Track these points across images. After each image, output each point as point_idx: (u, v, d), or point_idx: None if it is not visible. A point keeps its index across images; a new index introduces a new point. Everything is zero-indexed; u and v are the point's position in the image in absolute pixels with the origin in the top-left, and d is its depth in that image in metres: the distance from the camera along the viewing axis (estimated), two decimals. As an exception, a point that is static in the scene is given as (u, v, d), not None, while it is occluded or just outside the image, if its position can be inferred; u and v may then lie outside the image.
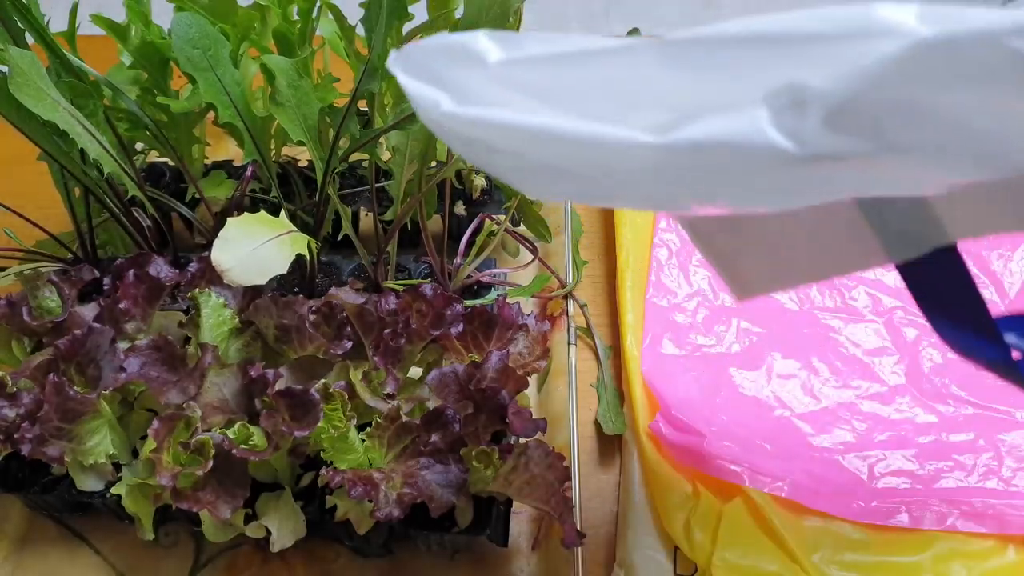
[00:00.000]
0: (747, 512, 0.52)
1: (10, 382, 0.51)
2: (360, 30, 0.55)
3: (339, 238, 0.69)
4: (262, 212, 0.51)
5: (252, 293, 0.56)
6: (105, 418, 0.51)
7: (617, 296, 0.68)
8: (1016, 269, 0.65)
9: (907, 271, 0.34)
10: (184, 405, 0.50)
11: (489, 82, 0.28)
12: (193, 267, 0.57)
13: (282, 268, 0.49)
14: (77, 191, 0.63)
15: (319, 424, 0.48)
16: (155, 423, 0.48)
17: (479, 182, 0.71)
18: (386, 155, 0.64)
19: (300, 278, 0.64)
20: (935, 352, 0.61)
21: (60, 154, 0.57)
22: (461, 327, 0.54)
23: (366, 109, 0.58)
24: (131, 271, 0.56)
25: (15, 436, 0.49)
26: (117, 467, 0.52)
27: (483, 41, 0.29)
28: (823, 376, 0.61)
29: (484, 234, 0.65)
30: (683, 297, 0.66)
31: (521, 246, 0.69)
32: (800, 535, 0.51)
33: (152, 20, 0.61)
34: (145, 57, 0.61)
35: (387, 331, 0.53)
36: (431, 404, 0.51)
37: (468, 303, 0.58)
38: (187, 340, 0.55)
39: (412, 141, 0.56)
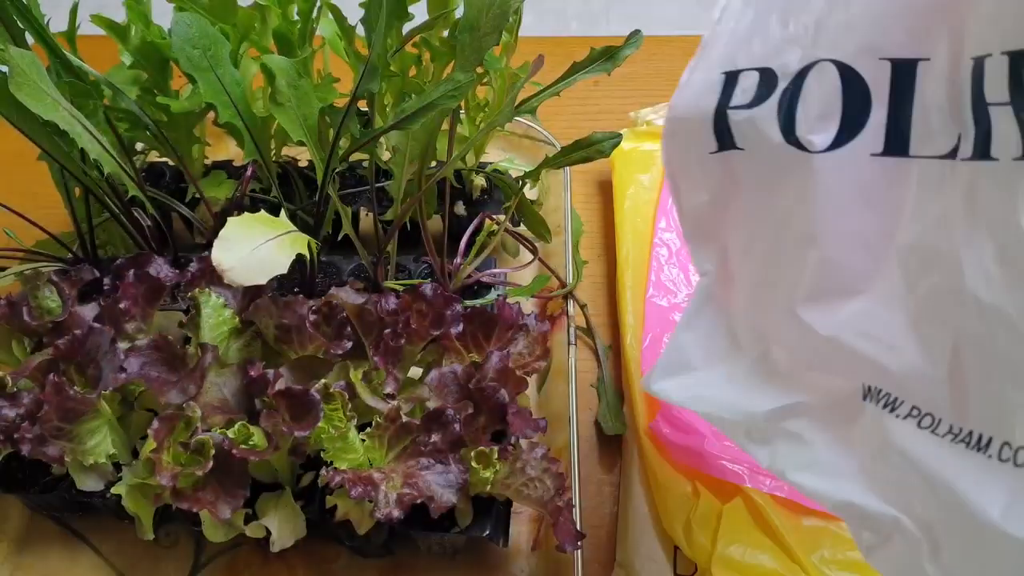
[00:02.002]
0: (747, 512, 0.52)
1: (10, 382, 0.51)
2: (360, 30, 0.55)
3: (339, 238, 0.69)
4: (262, 212, 0.51)
5: (252, 293, 0.56)
6: (105, 418, 0.51)
7: (617, 296, 0.68)
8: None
9: None
10: (184, 405, 0.50)
11: None
12: (193, 267, 0.57)
13: (282, 268, 0.49)
14: (77, 191, 0.63)
15: (319, 424, 0.48)
16: (155, 423, 0.48)
17: (479, 182, 0.71)
18: (386, 155, 0.64)
19: (300, 278, 0.64)
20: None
21: (60, 154, 0.57)
22: (461, 327, 0.54)
23: (366, 109, 0.58)
24: (131, 271, 0.56)
25: (15, 436, 0.49)
26: (117, 467, 0.52)
27: None
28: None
29: (484, 234, 0.65)
30: (683, 297, 0.66)
31: (521, 246, 0.69)
32: (800, 535, 0.51)
33: (152, 20, 0.61)
34: (145, 57, 0.61)
35: (387, 331, 0.53)
36: (431, 404, 0.51)
37: (468, 303, 0.59)
38: (187, 340, 0.55)
39: (412, 141, 0.56)
